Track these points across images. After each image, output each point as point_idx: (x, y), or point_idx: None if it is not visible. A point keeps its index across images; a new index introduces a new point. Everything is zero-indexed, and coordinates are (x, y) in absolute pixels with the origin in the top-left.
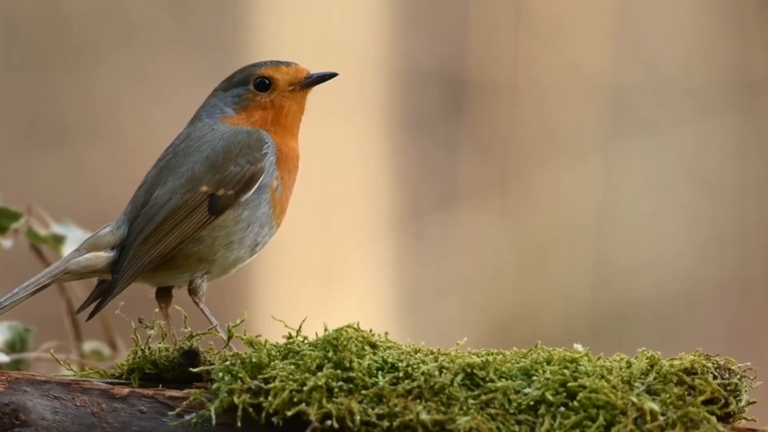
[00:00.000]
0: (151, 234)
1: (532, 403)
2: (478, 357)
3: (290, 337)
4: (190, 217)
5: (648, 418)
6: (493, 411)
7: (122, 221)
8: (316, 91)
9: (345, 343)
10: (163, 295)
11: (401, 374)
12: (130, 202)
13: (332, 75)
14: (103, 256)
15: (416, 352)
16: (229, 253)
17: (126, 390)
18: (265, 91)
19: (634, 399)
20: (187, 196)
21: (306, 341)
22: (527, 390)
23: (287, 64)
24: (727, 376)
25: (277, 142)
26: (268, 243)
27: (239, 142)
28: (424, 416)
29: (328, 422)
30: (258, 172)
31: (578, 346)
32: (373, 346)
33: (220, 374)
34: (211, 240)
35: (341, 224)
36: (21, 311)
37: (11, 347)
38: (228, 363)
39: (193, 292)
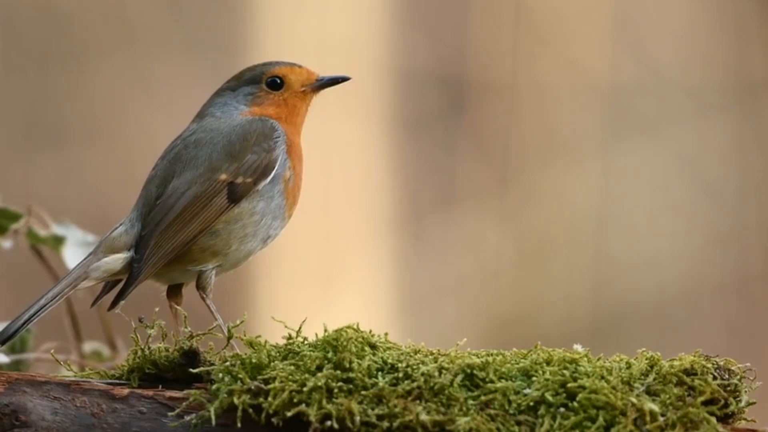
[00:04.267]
0: (172, 222)
1: (531, 403)
2: (478, 358)
3: (290, 337)
4: (209, 205)
5: (648, 418)
6: (492, 412)
7: (135, 218)
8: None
9: (345, 343)
10: (174, 294)
11: (401, 375)
12: (141, 197)
13: (344, 79)
14: (122, 257)
15: (416, 352)
16: (243, 246)
17: (126, 391)
18: (277, 91)
19: (634, 400)
20: (206, 185)
21: (306, 342)
22: (527, 391)
23: (299, 65)
24: (727, 376)
25: (286, 132)
26: (278, 236)
27: (255, 131)
28: (423, 417)
29: (328, 423)
30: (273, 159)
31: (578, 347)
32: (373, 346)
33: (220, 375)
34: (227, 233)
35: (341, 224)
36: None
37: (11, 348)
38: (228, 363)
39: (201, 286)
